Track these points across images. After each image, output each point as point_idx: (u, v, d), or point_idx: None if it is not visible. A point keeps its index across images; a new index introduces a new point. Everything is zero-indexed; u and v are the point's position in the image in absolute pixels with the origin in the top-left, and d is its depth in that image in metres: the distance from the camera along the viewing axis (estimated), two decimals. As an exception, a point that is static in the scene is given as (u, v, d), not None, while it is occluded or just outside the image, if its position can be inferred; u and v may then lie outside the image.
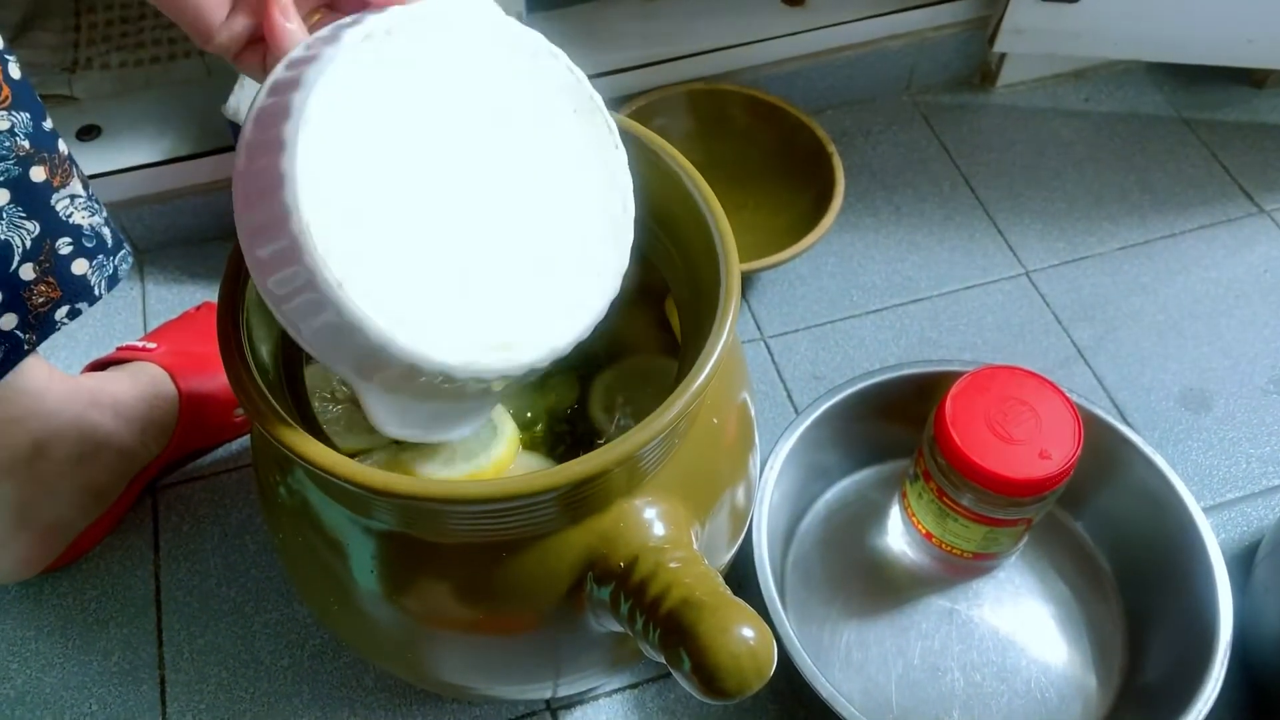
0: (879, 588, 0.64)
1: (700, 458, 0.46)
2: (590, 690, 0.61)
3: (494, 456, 0.45)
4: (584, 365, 0.52)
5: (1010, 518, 0.57)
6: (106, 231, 0.60)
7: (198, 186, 0.78)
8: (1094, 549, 0.65)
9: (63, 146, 0.56)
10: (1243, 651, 0.60)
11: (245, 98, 0.70)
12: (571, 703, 0.60)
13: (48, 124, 0.55)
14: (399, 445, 0.48)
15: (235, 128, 0.72)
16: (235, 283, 0.44)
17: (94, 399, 0.63)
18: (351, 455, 0.47)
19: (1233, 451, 0.71)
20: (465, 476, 0.45)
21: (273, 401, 0.40)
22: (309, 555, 0.47)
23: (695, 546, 0.45)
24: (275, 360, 0.46)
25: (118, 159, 0.76)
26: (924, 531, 0.62)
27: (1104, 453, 0.62)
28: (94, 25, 0.84)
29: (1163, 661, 0.59)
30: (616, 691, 0.61)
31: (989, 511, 0.57)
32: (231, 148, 0.75)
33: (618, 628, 0.42)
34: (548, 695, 0.58)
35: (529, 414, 0.50)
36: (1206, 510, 0.68)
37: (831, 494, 0.67)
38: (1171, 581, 0.60)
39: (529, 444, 0.49)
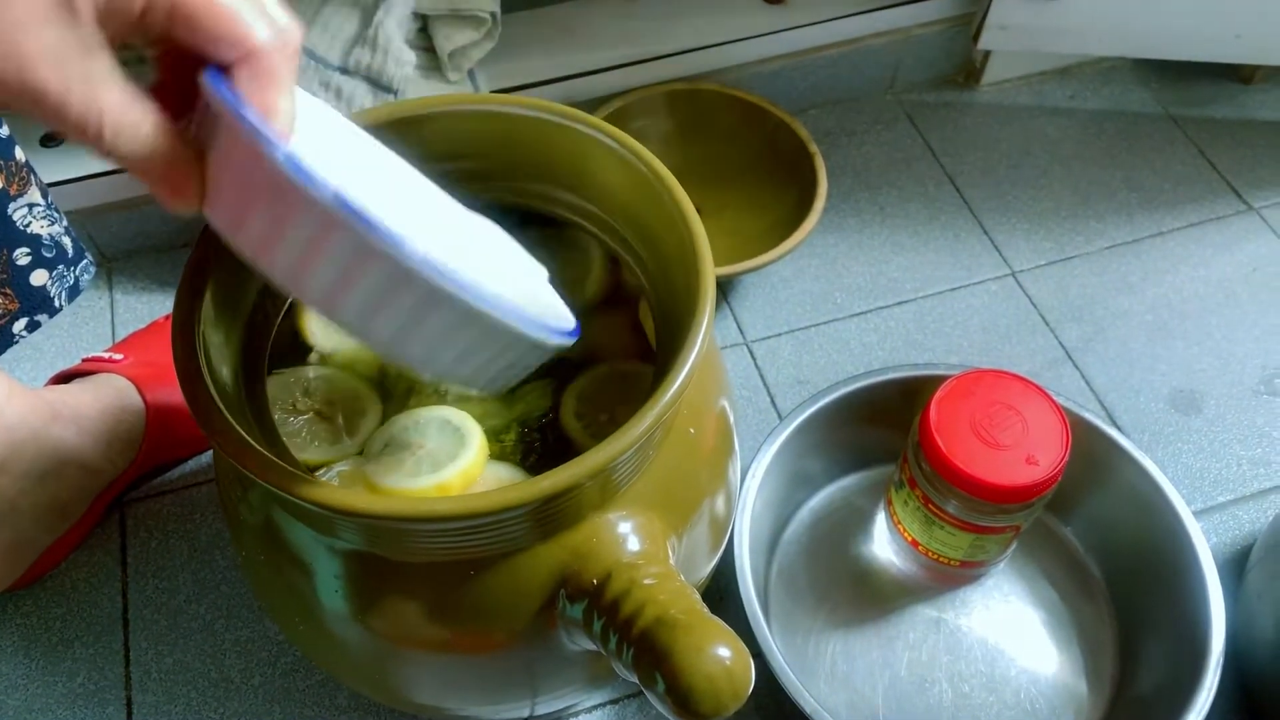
0: (865, 597, 0.62)
1: (677, 468, 0.45)
2: (569, 707, 0.59)
3: (460, 468, 0.44)
4: (556, 372, 0.50)
5: (998, 525, 0.56)
6: (67, 241, 0.58)
7: (164, 193, 0.76)
8: (1084, 555, 0.64)
9: (20, 154, 0.54)
10: (1236, 659, 0.59)
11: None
12: (551, 720, 0.59)
13: (3, 131, 0.53)
14: (362, 457, 0.46)
15: (203, 132, 0.70)
16: (191, 292, 0.43)
17: (56, 413, 0.61)
18: (314, 469, 0.46)
19: (1223, 453, 0.70)
20: (431, 489, 0.44)
21: (225, 414, 0.39)
22: (273, 574, 0.46)
23: (672, 560, 0.43)
24: (235, 373, 0.45)
25: (83, 165, 0.74)
26: (910, 539, 0.60)
27: (1093, 457, 0.61)
28: (60, 29, 0.82)
29: (1155, 670, 0.58)
30: (597, 708, 0.59)
31: (976, 519, 0.55)
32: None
33: (592, 646, 0.41)
34: (525, 714, 0.57)
35: (498, 423, 0.48)
36: (1197, 514, 0.67)
37: (816, 501, 0.66)
38: (1163, 587, 0.59)
39: (498, 454, 0.47)
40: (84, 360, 0.68)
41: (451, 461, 0.44)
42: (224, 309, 0.45)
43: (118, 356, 0.68)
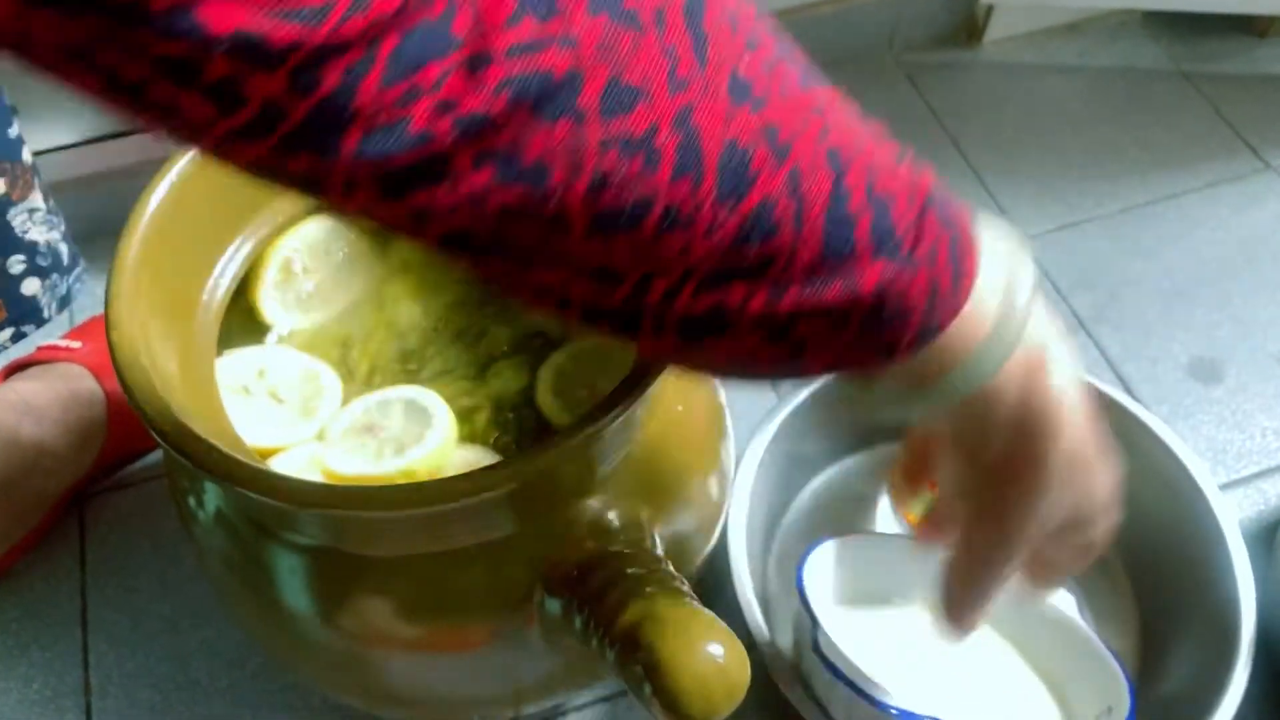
0: (870, 583, 0.58)
1: (663, 450, 0.41)
2: (558, 706, 0.56)
3: (427, 451, 0.40)
4: (533, 347, 0.46)
5: None
6: (63, 247, 0.55)
7: (125, 168, 0.72)
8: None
9: (26, 155, 0.51)
10: (1268, 642, 0.55)
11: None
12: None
13: (13, 131, 0.50)
14: (321, 441, 0.42)
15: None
16: (125, 268, 0.39)
17: (17, 415, 0.57)
18: (268, 456, 0.42)
19: (1247, 424, 0.66)
20: (395, 475, 0.40)
21: (161, 395, 0.35)
22: (230, 573, 0.42)
23: (659, 549, 0.40)
24: (181, 354, 0.41)
25: (35, 140, 0.69)
26: (914, 521, 0.57)
27: (1109, 430, 0.57)
28: (12, -1, 0.78)
29: (1182, 656, 0.54)
30: (587, 706, 0.56)
31: None
32: (158, 125, 0.69)
33: (574, 643, 0.38)
34: (510, 714, 0.53)
35: (470, 402, 0.44)
36: (1223, 488, 0.63)
37: (816, 484, 0.62)
38: (1188, 567, 0.55)
39: (470, 435, 0.43)
40: (39, 349, 0.64)
41: (417, 444, 0.41)
42: (166, 284, 0.41)
43: (75, 344, 0.64)
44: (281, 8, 0.15)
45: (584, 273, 0.24)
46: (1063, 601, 0.56)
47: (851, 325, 0.26)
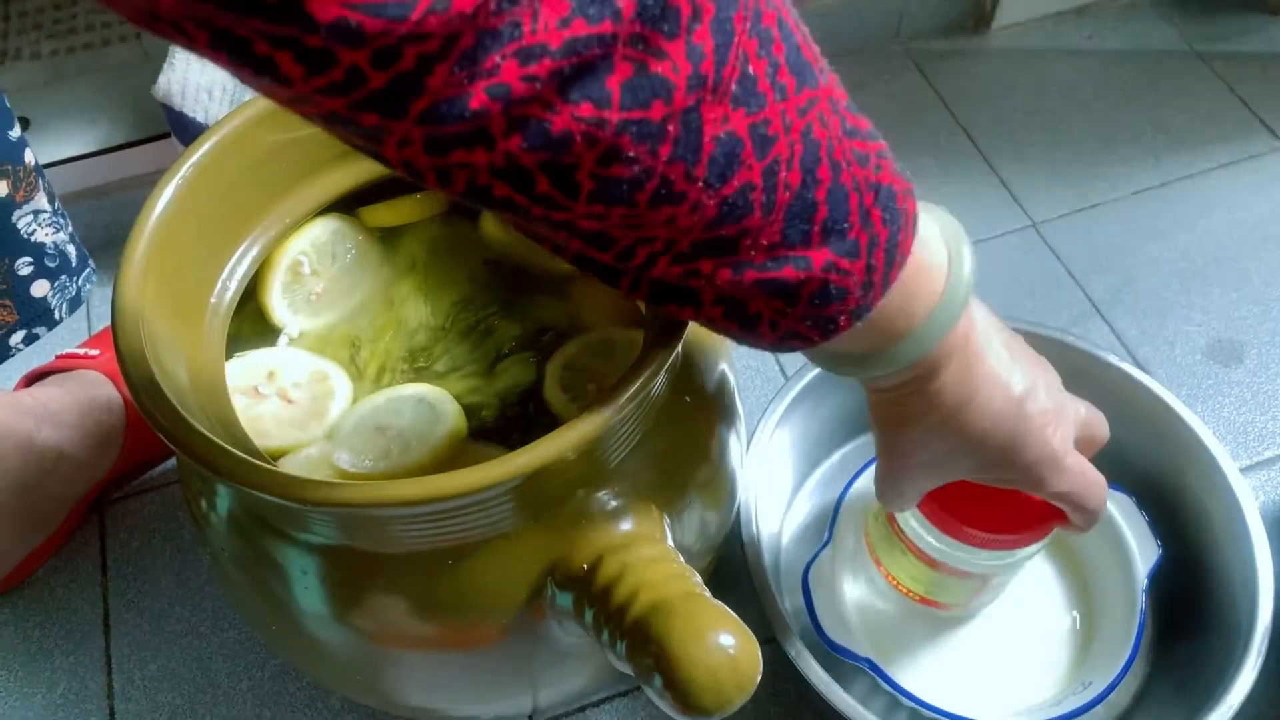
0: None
1: (673, 440, 0.41)
2: (576, 701, 0.55)
3: (434, 448, 0.40)
4: (542, 342, 0.46)
5: (960, 568, 0.48)
6: (71, 249, 0.55)
7: (137, 178, 0.73)
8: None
9: (29, 157, 0.51)
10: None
11: (176, 78, 0.65)
12: (556, 716, 0.55)
13: (14, 133, 0.50)
14: (331, 440, 0.42)
15: (169, 111, 0.66)
16: (131, 272, 0.39)
17: (37, 419, 0.58)
18: (278, 457, 0.42)
19: (1269, 405, 0.66)
20: (405, 472, 0.40)
21: (169, 398, 0.35)
22: (241, 573, 0.43)
23: (669, 541, 0.40)
24: (189, 358, 0.41)
25: (48, 151, 0.70)
26: (874, 558, 0.54)
27: (1128, 409, 0.57)
28: (24, 14, 0.79)
29: (1196, 638, 0.53)
30: (605, 701, 0.56)
31: (936, 552, 0.48)
32: (167, 134, 0.70)
33: (586, 638, 0.37)
34: (528, 711, 0.53)
35: (479, 399, 0.44)
36: (1244, 470, 0.62)
37: (830, 464, 0.62)
38: (1206, 550, 0.55)
39: (479, 432, 0.43)
40: (58, 357, 0.65)
41: (426, 441, 0.41)
42: (174, 288, 0.41)
43: (94, 352, 0.65)
44: (374, 3, 0.19)
45: (580, 233, 0.27)
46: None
47: (800, 302, 0.29)
